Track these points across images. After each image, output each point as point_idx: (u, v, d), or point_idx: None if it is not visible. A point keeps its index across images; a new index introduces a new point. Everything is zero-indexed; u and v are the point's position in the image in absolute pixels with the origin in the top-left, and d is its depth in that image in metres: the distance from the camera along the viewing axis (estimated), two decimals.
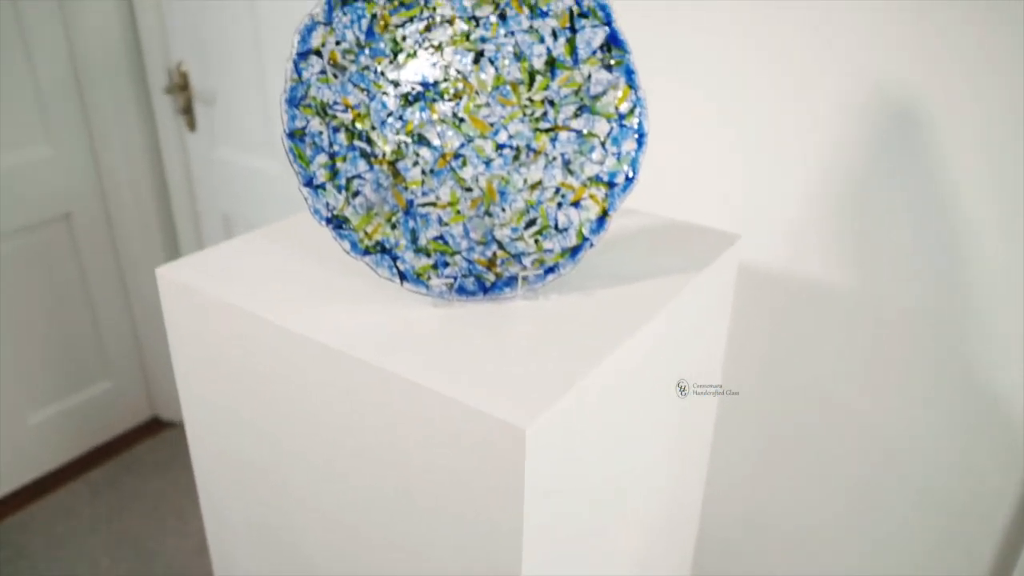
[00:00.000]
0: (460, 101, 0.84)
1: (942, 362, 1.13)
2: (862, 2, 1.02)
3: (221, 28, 1.81)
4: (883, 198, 1.10)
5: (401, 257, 0.80)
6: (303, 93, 0.78)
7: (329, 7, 0.77)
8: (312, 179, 0.78)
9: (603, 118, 0.83)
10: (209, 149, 2.00)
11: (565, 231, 0.84)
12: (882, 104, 1.05)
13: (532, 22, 0.82)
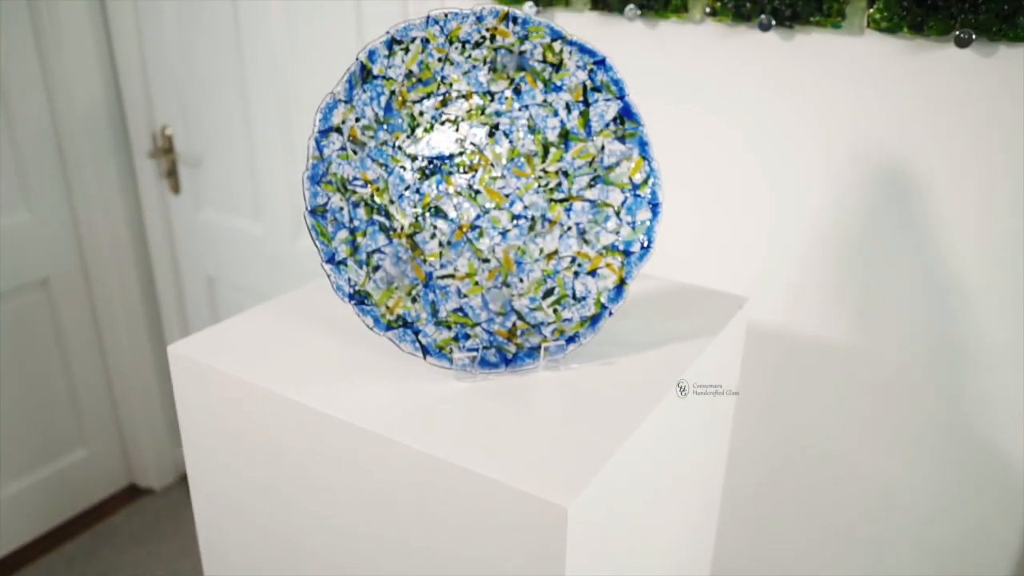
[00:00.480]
0: (476, 173, 0.85)
1: (940, 417, 1.15)
2: (855, 77, 1.06)
3: (208, 92, 1.81)
4: (879, 259, 1.12)
5: (423, 331, 0.80)
6: (324, 170, 0.78)
7: (350, 85, 0.78)
8: (334, 255, 0.78)
9: (617, 188, 0.85)
10: (194, 212, 1.99)
11: (583, 300, 0.84)
12: (876, 170, 1.09)
13: (546, 96, 0.84)
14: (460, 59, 0.82)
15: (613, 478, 0.68)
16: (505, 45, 0.82)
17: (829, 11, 1.03)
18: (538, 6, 1.25)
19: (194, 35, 1.77)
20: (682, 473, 0.91)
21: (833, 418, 1.23)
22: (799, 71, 1.10)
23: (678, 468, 0.88)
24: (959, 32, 0.95)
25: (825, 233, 1.15)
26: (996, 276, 1.05)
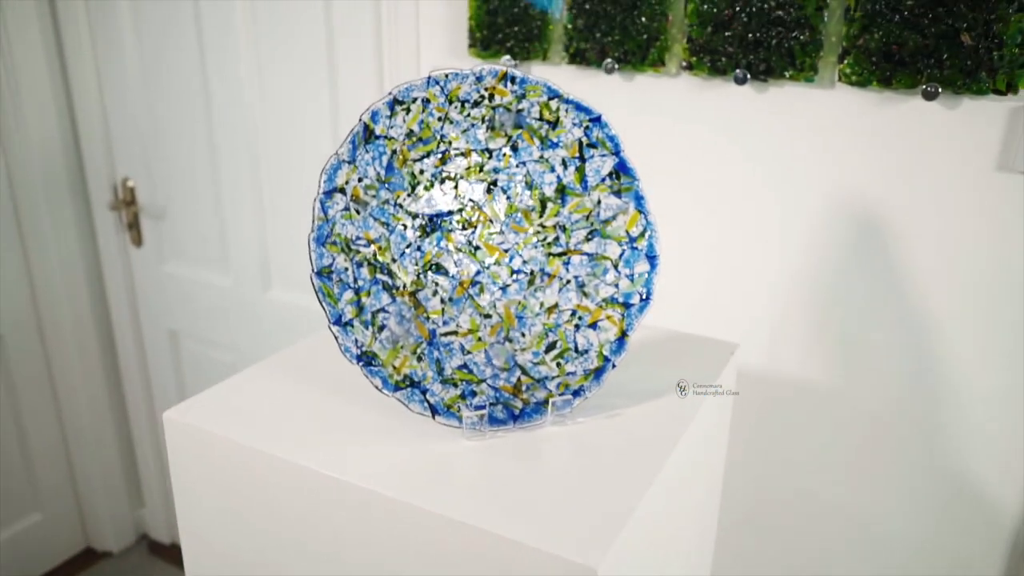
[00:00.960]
0: (475, 230, 0.85)
1: (920, 454, 1.18)
2: (828, 128, 1.10)
3: (173, 142, 1.78)
4: (857, 302, 1.16)
5: (430, 390, 0.79)
6: (328, 231, 0.78)
7: (353, 146, 0.78)
8: (340, 317, 0.77)
9: (614, 241, 0.86)
10: (156, 264, 1.94)
11: (585, 353, 0.85)
12: (851, 217, 1.13)
13: (543, 152, 0.85)
14: (459, 118, 0.83)
15: (635, 534, 0.68)
16: (503, 104, 0.83)
17: (802, 66, 1.07)
18: (516, 59, 1.27)
19: (159, 84, 1.75)
20: (687, 519, 0.91)
21: (815, 457, 1.26)
22: (773, 122, 1.14)
23: (685, 515, 0.89)
24: (926, 86, 1.00)
25: (804, 278, 1.19)
26: (969, 316, 1.10)
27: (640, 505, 0.69)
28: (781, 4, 1.06)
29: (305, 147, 1.60)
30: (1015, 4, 0.94)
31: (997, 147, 1.02)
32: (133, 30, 1.73)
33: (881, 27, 1.01)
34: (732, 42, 1.10)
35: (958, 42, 0.98)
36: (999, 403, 1.11)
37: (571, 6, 1.20)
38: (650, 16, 1.15)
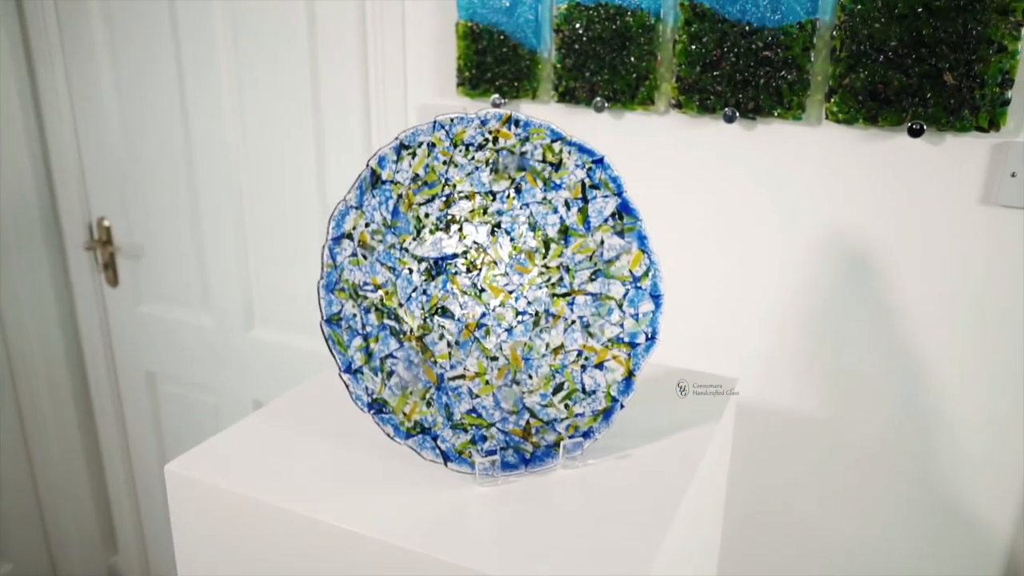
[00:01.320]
0: (480, 272, 0.85)
1: (912, 481, 1.19)
2: (816, 164, 1.12)
3: (152, 181, 1.76)
4: (846, 334, 1.18)
5: (440, 436, 0.79)
6: (337, 278, 0.77)
7: (360, 191, 0.78)
8: (350, 364, 0.76)
9: (618, 281, 0.86)
10: (133, 305, 1.90)
11: (593, 394, 0.85)
12: (841, 249, 1.15)
13: (546, 194, 0.86)
14: (464, 161, 0.83)
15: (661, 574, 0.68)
16: (507, 147, 0.84)
17: (790, 104, 1.10)
18: (505, 98, 1.28)
19: (137, 122, 1.73)
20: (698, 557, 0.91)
21: (808, 485, 1.27)
22: (762, 159, 1.16)
23: (696, 554, 0.89)
24: (911, 123, 1.03)
25: (795, 311, 1.20)
26: (957, 345, 1.12)
27: (659, 551, 0.68)
28: (768, 45, 1.08)
29: (289, 186, 1.59)
30: (994, 46, 0.97)
31: (980, 181, 1.05)
32: (110, 67, 1.71)
33: (866, 67, 1.04)
34: (721, 81, 1.12)
35: (941, 81, 1.01)
36: (988, 429, 1.13)
37: (560, 46, 1.22)
38: (639, 56, 1.17)
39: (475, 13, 1.26)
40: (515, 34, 1.24)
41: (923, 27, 1.00)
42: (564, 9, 1.20)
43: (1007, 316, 1.08)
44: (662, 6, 1.14)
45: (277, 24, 1.48)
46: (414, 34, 1.35)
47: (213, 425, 1.90)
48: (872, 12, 1.02)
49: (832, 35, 1.06)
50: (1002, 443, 1.12)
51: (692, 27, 1.12)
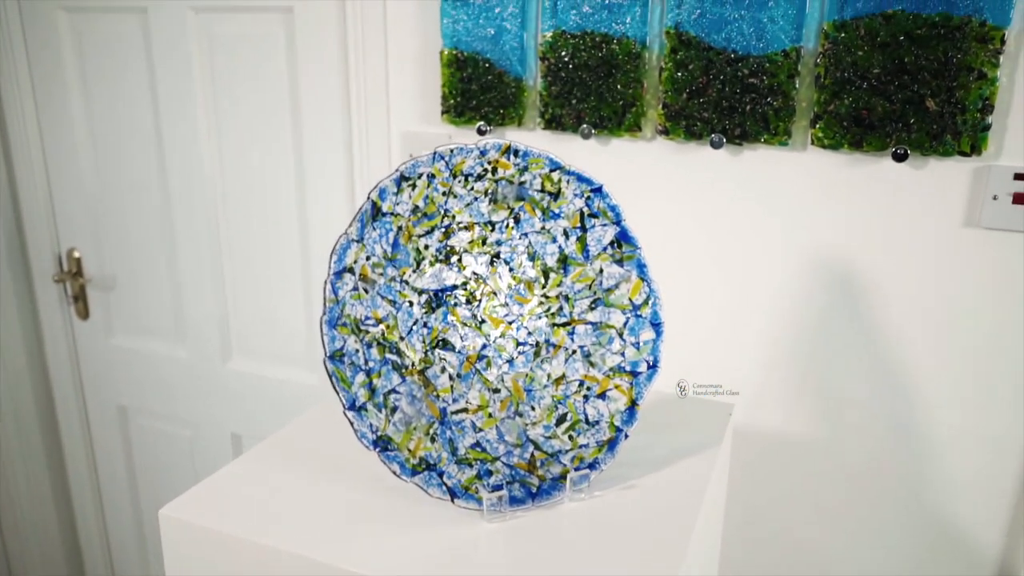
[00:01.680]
0: (479, 303, 0.84)
1: (903, 502, 1.20)
2: (802, 188, 1.14)
3: (124, 211, 1.72)
4: (835, 355, 1.19)
5: (446, 472, 0.77)
6: (339, 313, 0.75)
7: (362, 224, 0.77)
8: (355, 401, 0.74)
9: (618, 310, 0.86)
10: (104, 337, 1.85)
11: (596, 424, 0.84)
12: (828, 271, 1.16)
13: (544, 223, 0.85)
14: (463, 192, 0.82)
15: None
16: (506, 177, 0.83)
17: (776, 130, 1.11)
18: (490, 125, 1.28)
19: (109, 150, 1.69)
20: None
21: (800, 505, 1.27)
22: (749, 184, 1.17)
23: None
24: (896, 148, 1.05)
25: (783, 335, 1.21)
26: (944, 365, 1.13)
27: None
28: (754, 72, 1.10)
29: (268, 214, 1.57)
30: (974, 73, 1.00)
31: (963, 204, 1.07)
32: (81, 93, 1.68)
33: (850, 94, 1.06)
34: (707, 108, 1.14)
35: (924, 108, 1.03)
36: (978, 447, 1.14)
37: (546, 73, 1.22)
38: (625, 83, 1.18)
39: (460, 41, 1.26)
40: (500, 62, 1.24)
41: (905, 55, 1.02)
42: (550, 37, 1.20)
43: (993, 335, 1.10)
44: (648, 34, 1.15)
45: (255, 50, 1.47)
46: (397, 61, 1.34)
47: (189, 459, 1.85)
48: (855, 40, 1.04)
49: (816, 62, 1.08)
50: (992, 460, 1.14)
51: (678, 55, 1.13)
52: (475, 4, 1.23)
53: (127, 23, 1.57)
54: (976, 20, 0.98)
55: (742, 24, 1.09)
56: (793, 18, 1.07)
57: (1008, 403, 1.11)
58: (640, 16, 1.15)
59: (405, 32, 1.32)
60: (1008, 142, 1.03)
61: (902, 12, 1.02)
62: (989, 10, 0.98)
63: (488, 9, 1.22)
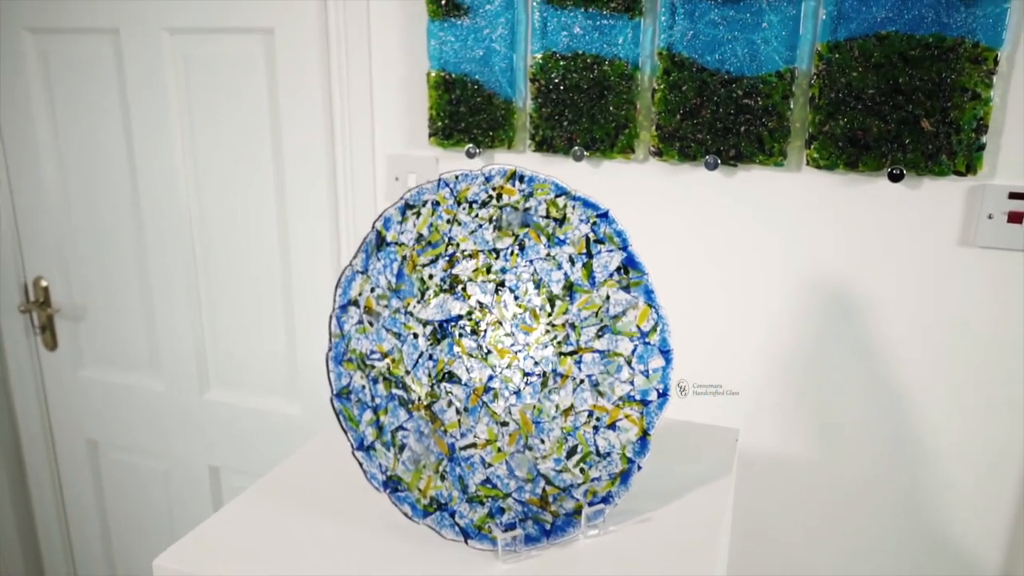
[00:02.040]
0: (485, 333, 0.81)
1: (901, 519, 1.20)
2: (797, 208, 1.13)
3: (94, 238, 1.66)
4: (831, 373, 1.18)
5: (457, 511, 0.74)
6: (344, 348, 0.72)
7: (366, 255, 0.74)
8: (363, 441, 0.71)
9: (625, 337, 0.84)
10: (73, 369, 1.78)
11: (608, 456, 0.81)
12: (822, 290, 1.15)
13: (550, 250, 0.83)
14: (467, 219, 0.80)
15: None
16: (510, 203, 0.81)
17: (771, 151, 1.10)
18: (479, 148, 1.26)
19: (78, 174, 1.63)
20: None
21: (798, 525, 1.26)
22: (744, 204, 1.16)
23: None
24: (892, 169, 1.05)
25: (779, 355, 1.20)
26: (940, 383, 1.13)
27: None
28: (748, 93, 1.09)
29: (247, 239, 1.52)
30: (968, 93, 1.00)
31: (958, 223, 1.07)
32: (48, 118, 1.62)
33: (845, 114, 1.06)
34: (701, 129, 1.13)
35: (919, 128, 1.03)
36: (975, 464, 1.14)
37: (536, 95, 1.20)
38: (618, 105, 1.16)
39: (447, 62, 1.24)
40: (489, 83, 1.22)
41: (899, 75, 1.03)
42: (540, 59, 1.19)
43: (990, 354, 1.10)
44: (640, 55, 1.14)
45: (234, 72, 1.43)
46: (382, 82, 1.32)
47: (163, 494, 1.78)
48: (849, 61, 1.04)
49: (811, 83, 1.07)
50: (989, 478, 1.14)
51: (671, 76, 1.12)
52: (463, 26, 1.21)
53: (98, 44, 1.52)
54: (969, 41, 0.99)
55: (735, 45, 1.09)
56: (786, 39, 1.07)
57: (1006, 420, 1.11)
58: (632, 37, 1.14)
59: (390, 53, 1.30)
60: (1002, 161, 1.03)
61: (895, 33, 1.02)
62: (982, 31, 0.98)
63: (477, 31, 1.20)
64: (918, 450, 1.16)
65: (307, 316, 1.50)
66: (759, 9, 1.07)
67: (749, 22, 1.07)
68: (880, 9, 1.02)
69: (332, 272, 1.45)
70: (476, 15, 1.20)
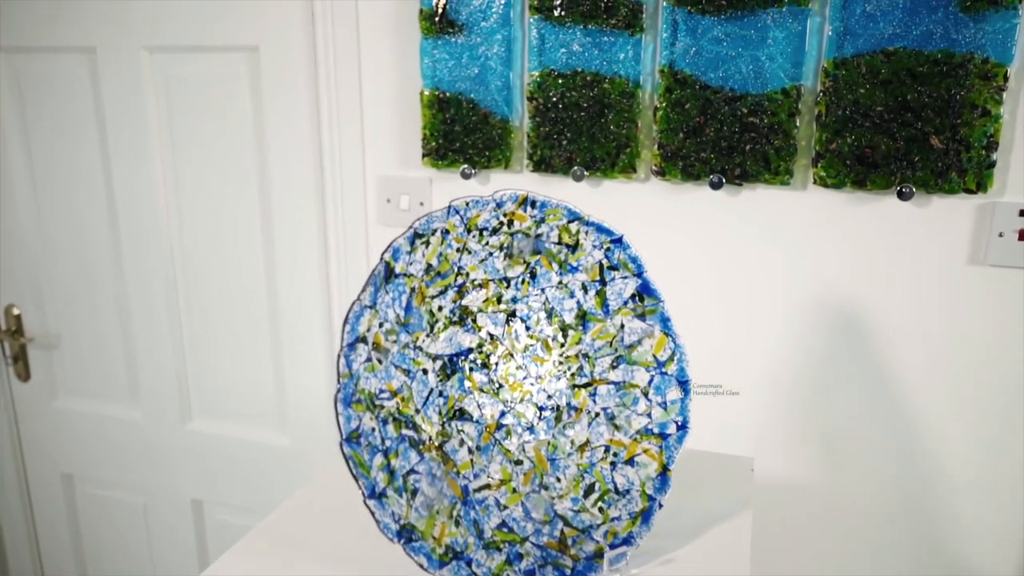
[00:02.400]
0: (496, 367, 0.77)
1: (914, 543, 1.17)
2: (804, 227, 1.11)
3: (70, 264, 1.60)
4: (839, 396, 1.15)
5: (474, 560, 0.70)
6: (353, 389, 0.68)
7: (375, 288, 0.69)
8: (375, 488, 0.66)
9: (642, 367, 0.80)
10: (47, 400, 1.71)
11: (627, 493, 0.77)
12: (831, 311, 1.13)
13: (562, 278, 0.79)
14: (477, 247, 0.76)
15: None
16: (522, 230, 0.77)
17: (777, 170, 1.08)
18: (475, 168, 1.22)
19: (52, 199, 1.57)
20: None
21: (805, 549, 1.22)
22: (749, 224, 1.13)
23: None
24: (902, 187, 1.03)
25: (785, 377, 1.17)
26: (952, 405, 1.11)
27: None
28: (753, 110, 1.07)
29: (231, 263, 1.47)
30: (978, 110, 0.98)
31: (967, 242, 1.05)
32: (21, 139, 1.55)
33: (853, 132, 1.04)
34: (705, 148, 1.10)
35: (928, 145, 1.01)
36: (986, 490, 1.12)
37: (534, 114, 1.17)
38: (618, 123, 1.13)
39: (441, 81, 1.20)
40: (485, 102, 1.19)
41: (908, 92, 1.01)
42: (537, 77, 1.15)
43: (1001, 376, 1.08)
44: (641, 72, 1.11)
45: (217, 92, 1.38)
46: (373, 101, 1.28)
47: (143, 529, 1.71)
48: (856, 78, 1.02)
49: (817, 100, 1.05)
50: (1004, 502, 1.11)
51: (673, 94, 1.10)
52: (458, 43, 1.17)
53: (72, 64, 1.46)
54: (979, 57, 0.97)
55: (739, 62, 1.06)
56: (792, 56, 1.04)
57: (1020, 444, 1.09)
58: (632, 54, 1.11)
59: (381, 71, 1.26)
60: (1012, 179, 1.02)
61: (903, 49, 1.00)
62: (991, 47, 0.97)
63: (472, 48, 1.17)
64: (928, 476, 1.14)
65: (295, 342, 1.45)
66: (763, 25, 1.04)
67: (753, 38, 1.05)
68: (887, 25, 1.00)
69: (321, 297, 1.40)
70: (471, 32, 1.16)
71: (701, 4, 1.06)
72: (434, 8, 1.17)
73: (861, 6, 1.00)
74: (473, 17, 1.16)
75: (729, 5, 1.05)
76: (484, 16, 1.15)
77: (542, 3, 1.12)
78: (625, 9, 1.09)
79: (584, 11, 1.11)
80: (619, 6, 1.09)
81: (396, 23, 1.23)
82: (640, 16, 1.09)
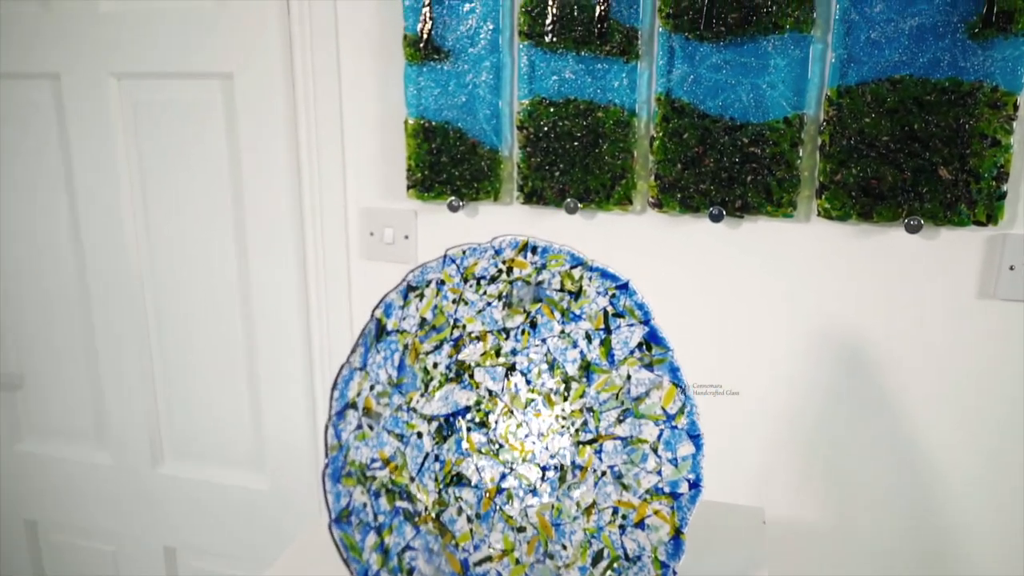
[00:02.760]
0: (495, 426, 0.72)
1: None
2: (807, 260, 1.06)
3: (33, 300, 1.51)
4: (843, 433, 1.11)
5: None
6: (343, 461, 0.62)
7: (365, 348, 0.63)
8: (367, 572, 0.60)
9: (650, 421, 0.75)
10: (9, 443, 1.62)
11: (638, 560, 0.72)
12: (835, 346, 1.09)
13: (564, 327, 0.74)
14: (474, 298, 0.70)
15: None
16: (522, 277, 0.72)
17: (780, 202, 1.03)
18: (463, 200, 1.16)
19: (12, 230, 1.49)
20: None
21: None
22: (751, 257, 1.09)
23: None
24: (909, 220, 0.99)
25: (788, 414, 1.13)
26: (960, 441, 1.07)
27: None
28: (754, 140, 1.02)
29: (206, 301, 1.39)
30: (988, 140, 0.95)
31: (977, 275, 1.02)
32: None
33: (858, 162, 1.00)
34: (704, 179, 1.05)
35: (937, 176, 0.97)
36: (997, 528, 1.08)
37: (524, 144, 1.12)
38: (613, 154, 1.08)
39: (426, 110, 1.14)
40: (472, 131, 1.13)
41: (915, 121, 0.97)
42: (528, 105, 1.10)
43: (1012, 412, 1.04)
44: (636, 101, 1.06)
45: (189, 120, 1.31)
46: (354, 131, 1.22)
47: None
48: (861, 107, 0.98)
49: (820, 130, 1.01)
50: (1013, 540, 1.07)
51: (670, 123, 1.05)
52: (444, 70, 1.12)
53: (36, 90, 1.39)
54: (987, 86, 0.94)
55: (739, 90, 1.02)
56: (794, 84, 1.00)
57: None
58: (628, 82, 1.06)
59: (364, 99, 1.20)
60: (1023, 210, 0.98)
61: (909, 77, 0.96)
62: (1000, 75, 0.93)
63: (459, 75, 1.12)
64: (938, 515, 1.10)
65: (273, 380, 1.38)
66: (764, 52, 1.00)
67: (754, 66, 1.01)
68: (893, 52, 0.96)
69: (300, 334, 1.34)
70: (458, 59, 1.11)
71: (699, 30, 1.01)
72: (419, 34, 1.11)
73: (865, 33, 0.96)
74: (460, 43, 1.10)
75: (728, 31, 1.01)
76: (472, 42, 1.10)
77: (532, 29, 1.08)
78: (619, 35, 1.05)
79: (576, 37, 1.06)
80: (613, 32, 1.05)
81: (379, 49, 1.17)
82: (635, 42, 1.04)
